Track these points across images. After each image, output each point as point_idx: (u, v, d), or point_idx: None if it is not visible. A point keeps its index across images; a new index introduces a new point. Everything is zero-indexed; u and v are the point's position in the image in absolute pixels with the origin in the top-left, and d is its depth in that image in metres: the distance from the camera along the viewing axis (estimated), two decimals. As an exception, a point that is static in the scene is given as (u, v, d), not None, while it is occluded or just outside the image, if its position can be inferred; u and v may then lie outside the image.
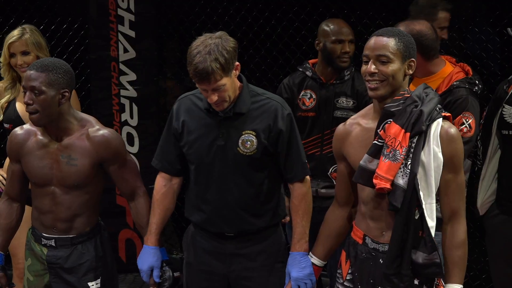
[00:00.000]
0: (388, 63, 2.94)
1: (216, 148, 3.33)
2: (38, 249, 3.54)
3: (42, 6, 5.65)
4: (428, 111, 2.93)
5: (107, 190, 3.64)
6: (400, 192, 2.91)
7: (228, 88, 3.22)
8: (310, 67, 4.36)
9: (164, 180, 3.53)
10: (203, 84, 3.19)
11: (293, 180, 3.41)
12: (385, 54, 2.94)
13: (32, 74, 3.30)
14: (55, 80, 3.31)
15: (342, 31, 4.24)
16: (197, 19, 5.53)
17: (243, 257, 3.42)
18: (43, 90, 3.29)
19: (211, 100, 3.21)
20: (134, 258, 5.37)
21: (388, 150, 2.93)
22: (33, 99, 3.30)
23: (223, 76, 3.17)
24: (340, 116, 4.21)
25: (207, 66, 3.14)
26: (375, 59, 2.96)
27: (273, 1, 5.43)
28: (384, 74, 2.94)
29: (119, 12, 5.18)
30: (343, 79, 4.29)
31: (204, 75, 3.15)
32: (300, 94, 4.33)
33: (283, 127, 3.32)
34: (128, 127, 5.34)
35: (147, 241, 3.50)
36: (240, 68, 3.29)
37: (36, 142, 3.46)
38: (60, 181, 3.42)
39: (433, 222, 2.94)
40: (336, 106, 4.27)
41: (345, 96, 4.26)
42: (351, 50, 4.24)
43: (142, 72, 5.29)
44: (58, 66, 3.34)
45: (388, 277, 2.98)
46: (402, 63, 2.96)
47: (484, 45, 5.20)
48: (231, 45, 3.22)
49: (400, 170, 2.91)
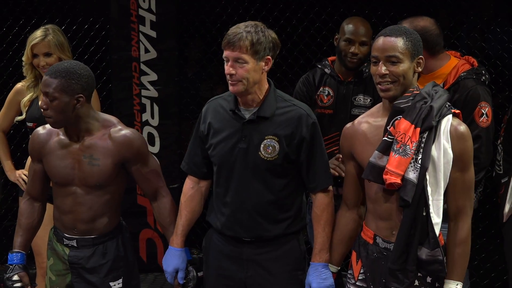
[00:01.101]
0: (398, 63, 2.95)
1: (238, 151, 3.32)
2: (60, 249, 3.55)
3: (63, 7, 5.68)
4: (438, 107, 2.93)
5: (128, 190, 3.65)
6: (411, 186, 2.90)
7: (250, 70, 3.21)
8: (329, 64, 4.35)
9: (192, 182, 3.53)
10: (228, 49, 3.20)
11: (315, 189, 3.39)
12: (395, 55, 2.94)
13: (46, 80, 3.31)
14: (68, 86, 3.30)
15: (356, 31, 4.21)
16: (218, 19, 5.55)
17: (260, 263, 3.40)
18: (56, 96, 3.29)
19: (228, 71, 3.21)
20: (154, 258, 5.42)
21: (398, 145, 2.92)
22: (47, 104, 3.32)
23: (250, 53, 3.18)
24: (358, 114, 4.16)
25: (239, 32, 3.18)
26: (385, 60, 2.96)
27: (294, 1, 5.43)
28: (395, 74, 2.95)
29: (140, 12, 5.20)
30: (361, 77, 4.28)
31: (232, 39, 3.18)
32: (318, 91, 4.33)
33: (306, 135, 3.30)
34: (149, 127, 5.35)
35: (173, 242, 3.51)
36: (270, 64, 3.29)
37: (58, 141, 3.47)
38: (82, 181, 3.43)
39: (439, 219, 2.94)
40: (353, 104, 4.27)
41: (363, 94, 4.26)
42: (362, 52, 4.18)
43: (163, 72, 5.30)
44: (72, 72, 3.32)
45: (393, 273, 2.99)
46: (411, 62, 2.97)
47: (506, 45, 5.17)
48: (271, 36, 3.26)
49: (410, 165, 2.91)
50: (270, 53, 3.25)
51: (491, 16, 5.53)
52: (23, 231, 3.62)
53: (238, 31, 3.19)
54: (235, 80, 3.21)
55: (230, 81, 3.23)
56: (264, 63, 3.25)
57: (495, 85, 4.02)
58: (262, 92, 3.31)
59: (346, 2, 5.24)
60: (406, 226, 2.93)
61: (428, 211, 2.92)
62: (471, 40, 5.12)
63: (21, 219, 3.63)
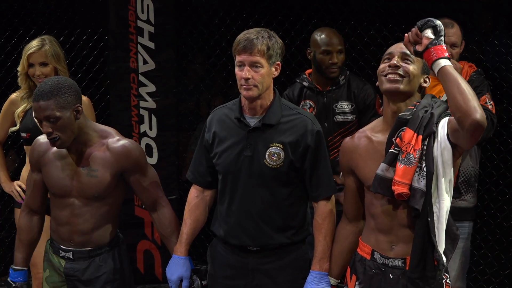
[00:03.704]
0: (411, 63, 2.99)
1: (243, 159, 3.32)
2: (56, 261, 3.54)
3: (62, 18, 5.68)
4: (438, 113, 2.94)
5: (125, 201, 3.65)
6: (420, 194, 2.89)
7: (264, 75, 3.23)
8: (307, 77, 4.48)
9: (197, 191, 3.54)
10: (244, 54, 3.21)
11: (318, 198, 3.39)
12: (410, 56, 2.98)
13: (41, 105, 3.25)
14: (64, 100, 3.28)
15: (330, 41, 4.35)
16: (216, 31, 5.55)
17: (266, 272, 3.40)
18: (58, 116, 3.26)
19: (245, 75, 3.21)
20: (152, 269, 5.41)
21: (403, 156, 2.92)
22: (51, 127, 3.28)
23: (265, 57, 3.21)
24: (340, 120, 4.38)
25: (254, 37, 3.20)
26: (400, 57, 3.00)
27: (292, 13, 5.44)
28: (406, 70, 2.98)
29: (138, 23, 5.20)
30: (338, 84, 4.41)
31: (247, 44, 3.19)
32: (300, 105, 4.38)
33: (311, 143, 3.31)
34: (147, 138, 5.35)
35: (177, 251, 3.50)
36: (280, 69, 3.31)
37: (57, 152, 3.46)
38: (80, 193, 3.42)
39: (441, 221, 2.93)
40: (335, 111, 4.39)
41: (343, 100, 4.39)
42: (340, 60, 4.34)
43: (161, 83, 5.30)
44: (61, 86, 3.29)
45: (414, 281, 2.97)
46: (421, 74, 3.01)
47: (504, 57, 5.18)
48: (280, 43, 3.29)
49: (416, 174, 2.90)
50: (279, 58, 3.28)
51: (489, 28, 5.53)
52: (24, 247, 3.61)
53: (251, 36, 3.21)
54: (250, 85, 3.22)
55: (245, 85, 3.23)
56: (274, 68, 3.27)
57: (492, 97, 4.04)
58: (270, 98, 3.33)
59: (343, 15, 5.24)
60: (420, 234, 2.92)
61: (432, 217, 2.90)
62: (469, 52, 5.11)
63: (22, 235, 3.62)
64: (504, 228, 5.11)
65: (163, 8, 5.20)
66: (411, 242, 2.96)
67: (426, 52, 2.84)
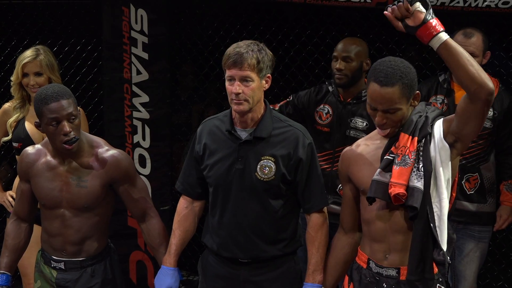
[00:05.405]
0: (396, 112, 2.95)
1: (235, 171, 3.32)
2: (48, 272, 3.53)
3: (56, 28, 5.67)
4: (433, 117, 2.96)
5: (118, 212, 3.65)
6: (418, 193, 2.89)
7: (255, 89, 3.22)
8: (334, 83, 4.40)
9: (186, 202, 3.54)
10: (234, 68, 3.19)
11: (310, 210, 3.39)
12: (393, 107, 2.93)
13: (63, 103, 3.27)
14: (74, 102, 3.33)
15: (337, 47, 4.33)
16: (210, 41, 5.55)
17: (257, 284, 3.40)
18: (76, 114, 3.31)
19: (235, 90, 3.20)
20: (144, 280, 5.39)
21: (399, 159, 2.94)
22: (71, 127, 3.29)
23: (255, 71, 3.19)
24: (352, 136, 4.25)
25: (244, 51, 3.18)
26: (384, 111, 2.96)
27: (286, 25, 5.44)
28: (395, 121, 2.97)
29: (132, 34, 5.19)
30: (360, 99, 4.31)
31: (237, 59, 3.17)
32: (318, 107, 4.35)
33: (303, 156, 3.31)
34: (140, 149, 5.33)
35: (166, 261, 3.50)
36: (270, 82, 3.30)
37: (46, 163, 3.46)
38: (70, 204, 3.42)
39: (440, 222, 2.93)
40: (349, 125, 4.30)
41: (360, 117, 4.29)
42: (346, 68, 4.25)
43: (155, 94, 5.29)
44: (67, 90, 3.35)
45: (413, 284, 2.97)
46: (407, 103, 2.98)
47: (497, 69, 5.19)
48: (270, 55, 3.27)
49: (413, 174, 2.91)
50: (270, 71, 3.27)
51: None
52: (9, 252, 3.60)
53: (241, 50, 3.19)
54: (241, 99, 3.22)
55: (236, 100, 3.22)
56: (265, 81, 3.26)
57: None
58: (261, 111, 3.32)
59: (338, 26, 5.24)
60: (419, 235, 2.93)
61: (433, 216, 2.91)
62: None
63: (8, 240, 3.62)
64: (497, 240, 5.10)
65: (157, 18, 5.20)
66: (404, 250, 2.97)
67: (422, 28, 2.77)
